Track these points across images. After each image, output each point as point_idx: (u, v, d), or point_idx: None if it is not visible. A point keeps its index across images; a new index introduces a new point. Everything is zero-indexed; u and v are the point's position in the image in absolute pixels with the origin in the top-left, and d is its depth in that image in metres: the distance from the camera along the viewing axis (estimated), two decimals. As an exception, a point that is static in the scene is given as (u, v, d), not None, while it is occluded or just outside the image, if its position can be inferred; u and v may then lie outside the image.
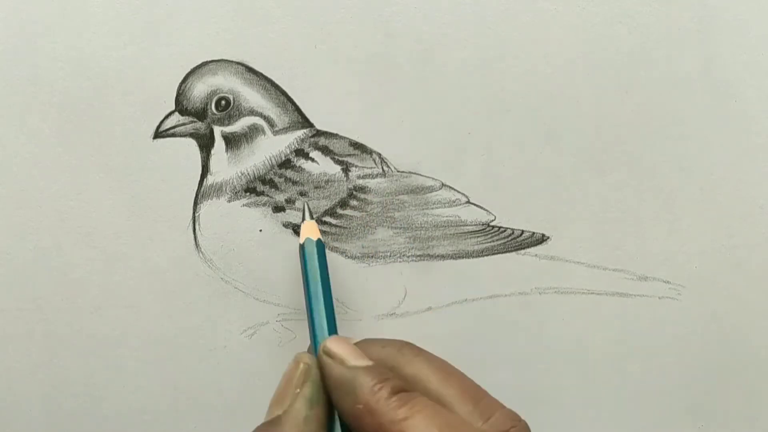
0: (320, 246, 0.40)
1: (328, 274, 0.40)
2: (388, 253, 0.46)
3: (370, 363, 0.36)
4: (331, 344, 0.37)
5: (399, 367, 0.37)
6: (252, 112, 0.45)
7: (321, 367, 0.37)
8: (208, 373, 0.46)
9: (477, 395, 0.36)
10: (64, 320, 0.45)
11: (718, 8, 0.46)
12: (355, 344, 0.38)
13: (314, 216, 0.45)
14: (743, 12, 0.46)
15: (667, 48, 0.46)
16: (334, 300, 0.45)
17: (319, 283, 0.39)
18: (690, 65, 0.46)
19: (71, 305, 0.45)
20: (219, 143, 0.45)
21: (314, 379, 0.37)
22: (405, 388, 0.35)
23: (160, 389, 0.46)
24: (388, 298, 0.46)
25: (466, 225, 0.46)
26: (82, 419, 0.46)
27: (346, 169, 0.46)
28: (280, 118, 0.45)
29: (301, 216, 0.42)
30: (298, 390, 0.36)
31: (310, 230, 0.41)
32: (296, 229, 0.45)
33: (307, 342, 0.46)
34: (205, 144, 0.45)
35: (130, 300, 0.45)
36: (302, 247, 0.40)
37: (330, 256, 0.45)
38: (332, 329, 0.39)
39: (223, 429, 0.46)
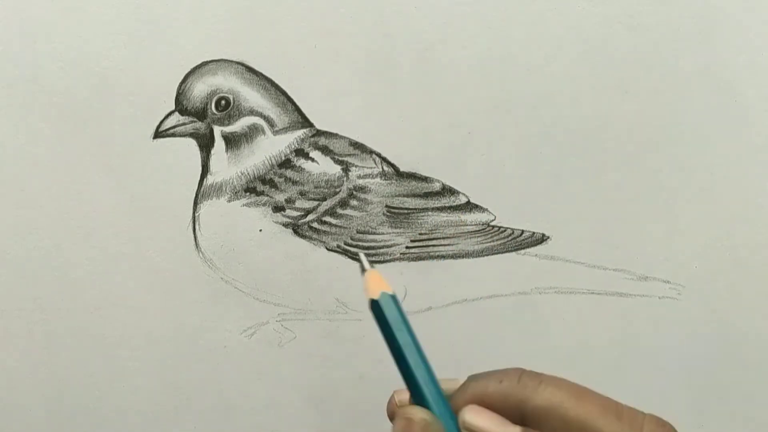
0: (395, 299, 0.33)
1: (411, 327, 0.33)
2: (388, 253, 0.46)
3: (518, 429, 0.33)
4: (471, 417, 0.33)
5: (526, 400, 0.34)
6: (252, 112, 0.45)
7: None
8: (208, 373, 0.46)
9: (616, 409, 0.34)
10: (64, 320, 0.45)
11: (718, 8, 0.46)
12: (468, 382, 0.34)
13: (316, 217, 0.45)
14: (743, 12, 0.46)
15: (667, 48, 0.46)
16: (334, 300, 0.46)
17: (409, 337, 0.33)
18: (690, 65, 0.46)
19: (71, 305, 0.45)
20: (219, 143, 0.45)
21: None
22: None
23: (160, 389, 0.46)
24: (388, 298, 0.46)
25: (466, 225, 0.46)
26: (82, 419, 0.46)
27: (346, 169, 0.46)
28: (280, 117, 0.45)
29: (359, 267, 0.34)
30: None
31: (379, 283, 0.34)
32: (296, 229, 0.45)
33: (307, 342, 0.46)
34: (205, 144, 0.45)
35: (130, 300, 0.45)
36: (375, 303, 0.33)
37: (330, 256, 0.45)
38: (437, 389, 0.33)
39: (223, 429, 0.46)
